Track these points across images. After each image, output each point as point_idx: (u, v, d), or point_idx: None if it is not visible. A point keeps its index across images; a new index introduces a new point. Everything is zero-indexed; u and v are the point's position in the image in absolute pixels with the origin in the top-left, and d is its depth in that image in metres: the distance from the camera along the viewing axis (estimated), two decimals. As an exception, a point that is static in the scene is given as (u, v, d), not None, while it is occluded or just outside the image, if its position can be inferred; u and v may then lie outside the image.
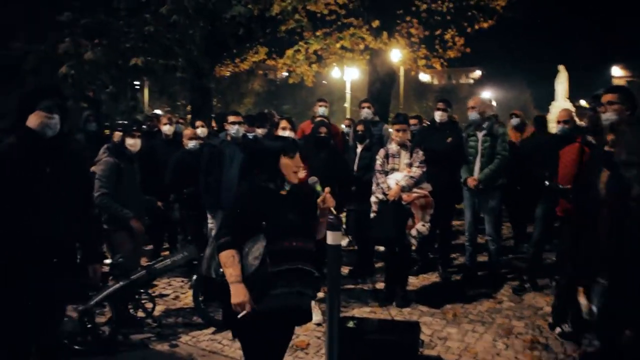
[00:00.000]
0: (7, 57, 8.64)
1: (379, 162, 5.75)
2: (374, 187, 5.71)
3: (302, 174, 3.49)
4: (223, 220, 3.17)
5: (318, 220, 3.16)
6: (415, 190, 5.50)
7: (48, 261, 3.11)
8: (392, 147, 5.77)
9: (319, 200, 3.09)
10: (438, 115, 6.58)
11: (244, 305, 2.82)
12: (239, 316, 2.82)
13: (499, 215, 6.78)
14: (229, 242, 2.90)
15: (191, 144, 6.69)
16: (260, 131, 6.64)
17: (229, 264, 2.87)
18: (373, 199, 5.68)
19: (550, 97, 22.98)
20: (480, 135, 6.21)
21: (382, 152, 5.80)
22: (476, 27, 13.30)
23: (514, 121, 8.79)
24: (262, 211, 2.93)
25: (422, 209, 5.45)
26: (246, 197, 3.06)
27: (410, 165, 5.61)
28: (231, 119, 5.97)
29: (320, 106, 7.93)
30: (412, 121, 8.46)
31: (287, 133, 5.17)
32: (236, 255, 2.88)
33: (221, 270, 2.93)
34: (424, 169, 5.60)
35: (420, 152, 5.70)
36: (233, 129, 5.89)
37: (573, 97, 22.87)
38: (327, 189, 3.11)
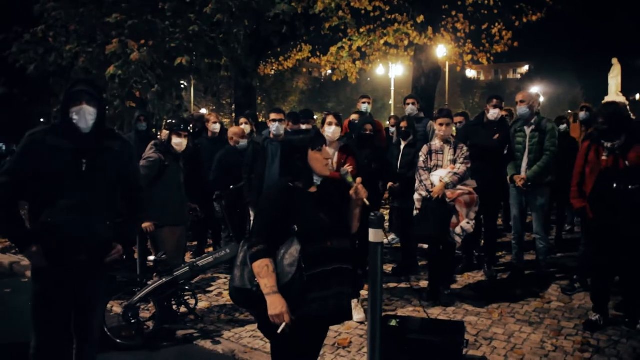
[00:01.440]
0: (60, 58, 8.91)
1: (422, 158, 5.66)
2: (417, 184, 5.62)
3: (332, 166, 3.43)
4: (253, 227, 2.98)
5: (351, 214, 3.08)
6: (459, 187, 5.38)
7: (79, 259, 3.11)
8: (436, 143, 5.68)
9: (351, 191, 3.02)
10: (495, 112, 6.42)
11: (283, 316, 2.68)
12: (278, 330, 2.68)
13: (548, 213, 6.59)
14: (261, 250, 2.75)
15: (242, 142, 6.77)
16: (305, 128, 6.66)
17: (264, 274, 2.72)
18: (416, 196, 5.59)
19: (603, 91, 22.34)
20: (528, 130, 6.04)
21: (425, 148, 5.71)
22: (524, 20, 12.96)
23: (583, 115, 8.30)
24: (293, 213, 2.80)
25: (466, 206, 5.33)
26: (275, 201, 2.89)
27: (454, 161, 5.51)
28: (272, 116, 5.99)
29: (364, 103, 7.88)
30: (458, 118, 8.30)
31: (333, 129, 5.11)
32: (270, 265, 2.73)
33: (256, 280, 2.78)
34: (469, 165, 5.49)
35: (465, 148, 5.59)
36: (274, 127, 5.91)
37: (627, 91, 22.14)
38: (358, 180, 3.03)
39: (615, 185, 4.55)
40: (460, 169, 5.44)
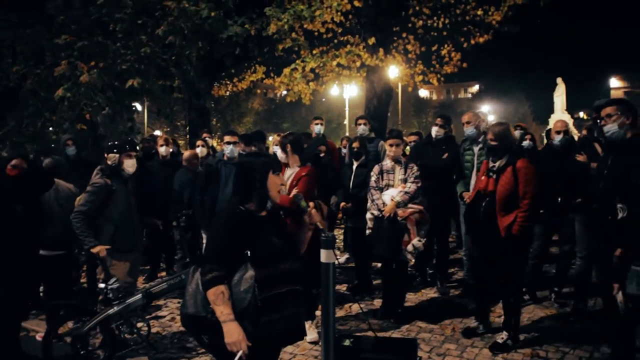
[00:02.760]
0: (6, 79, 8.68)
1: (373, 178, 5.74)
2: (369, 204, 5.69)
3: (283, 191, 3.46)
4: (206, 251, 2.93)
5: (302, 237, 3.10)
6: (410, 205, 5.48)
7: None
8: (387, 163, 5.77)
9: (305, 216, 3.05)
10: (435, 131, 6.59)
11: (240, 344, 2.66)
12: (235, 358, 2.65)
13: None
14: (216, 277, 2.70)
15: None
16: (254, 149, 6.66)
17: (220, 301, 2.67)
18: (368, 215, 5.66)
19: (549, 109, 23.13)
20: (476, 149, 6.20)
21: (376, 168, 5.80)
22: (472, 42, 13.36)
23: (517, 133, 8.16)
24: (246, 238, 2.79)
25: (417, 224, 5.43)
26: (229, 225, 2.85)
27: (405, 180, 5.61)
28: (226, 138, 5.99)
29: (316, 124, 7.96)
30: (411, 137, 8.46)
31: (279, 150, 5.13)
32: (226, 291, 2.69)
33: (210, 307, 2.73)
34: (419, 184, 5.59)
35: (415, 168, 5.69)
36: (228, 149, 5.89)
37: (571, 109, 22.99)
38: (311, 204, 3.06)
39: (482, 207, 4.78)
40: (411, 187, 5.53)
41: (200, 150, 7.54)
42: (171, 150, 7.72)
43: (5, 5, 8.90)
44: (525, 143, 7.67)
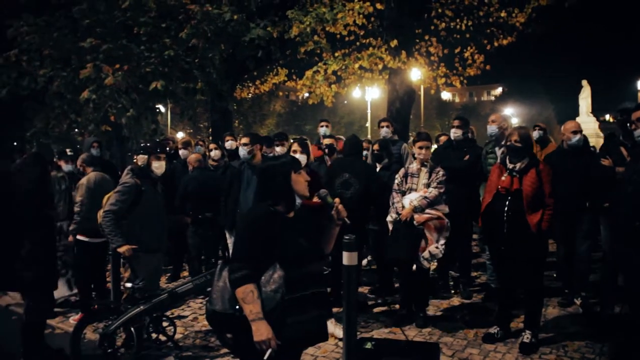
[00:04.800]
0: (34, 82, 8.85)
1: (397, 181, 5.71)
2: (390, 207, 5.68)
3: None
4: (235, 251, 2.93)
5: (329, 235, 3.11)
6: (428, 211, 5.40)
7: None
8: (413, 166, 5.73)
9: (332, 211, 3.06)
10: (453, 133, 6.54)
11: (269, 342, 2.66)
12: (265, 357, 2.66)
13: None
14: (246, 275, 2.72)
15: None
16: (279, 149, 6.69)
17: (249, 300, 2.68)
18: (388, 218, 5.64)
19: (574, 112, 22.83)
20: (499, 152, 6.14)
21: (401, 171, 5.77)
22: (496, 44, 13.27)
23: (536, 134, 8.12)
24: (275, 239, 2.80)
25: (436, 231, 5.35)
26: (259, 226, 2.84)
27: (428, 185, 5.56)
28: (242, 140, 6.04)
29: (322, 126, 7.97)
30: (443, 138, 8.43)
31: (298, 156, 5.12)
32: (255, 290, 2.70)
33: (238, 305, 2.74)
34: (442, 190, 5.52)
35: (441, 172, 5.61)
36: (242, 151, 5.95)
37: (597, 111, 22.68)
38: (336, 200, 3.06)
39: (506, 206, 4.77)
40: (432, 193, 5.46)
41: (214, 153, 7.64)
42: (192, 152, 7.87)
43: (33, 10, 9.08)
44: (535, 133, 7.75)
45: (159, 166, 5.18)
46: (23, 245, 4.69)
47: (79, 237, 5.91)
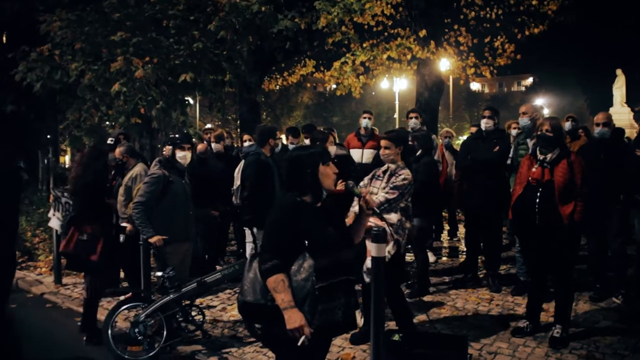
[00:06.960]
0: (66, 75, 9.00)
1: (362, 183, 4.99)
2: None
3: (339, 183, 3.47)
4: (264, 242, 2.96)
5: (360, 224, 3.12)
6: (372, 220, 4.20)
7: None
8: (384, 167, 4.91)
9: (361, 201, 3.06)
10: (484, 123, 6.44)
11: (302, 329, 2.69)
12: (298, 343, 2.69)
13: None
14: (276, 265, 2.75)
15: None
16: (307, 142, 6.72)
17: (280, 289, 2.71)
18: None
19: (608, 102, 22.31)
20: (530, 143, 6.05)
21: (373, 172, 5.04)
22: (527, 33, 13.02)
23: (568, 125, 7.70)
24: (304, 228, 2.82)
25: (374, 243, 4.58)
26: (288, 217, 2.87)
27: (384, 189, 4.74)
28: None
29: (364, 118, 7.91)
30: (473, 129, 8.39)
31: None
32: (286, 280, 2.73)
33: (269, 295, 2.77)
34: (393, 196, 4.61)
35: (401, 176, 4.68)
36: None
37: (632, 101, 22.14)
38: (364, 190, 3.06)
39: (537, 198, 4.70)
40: (378, 199, 4.60)
41: (248, 145, 7.71)
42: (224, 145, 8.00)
43: (65, 6, 9.22)
44: (567, 124, 7.59)
45: (183, 156, 5.29)
46: (86, 231, 5.20)
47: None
